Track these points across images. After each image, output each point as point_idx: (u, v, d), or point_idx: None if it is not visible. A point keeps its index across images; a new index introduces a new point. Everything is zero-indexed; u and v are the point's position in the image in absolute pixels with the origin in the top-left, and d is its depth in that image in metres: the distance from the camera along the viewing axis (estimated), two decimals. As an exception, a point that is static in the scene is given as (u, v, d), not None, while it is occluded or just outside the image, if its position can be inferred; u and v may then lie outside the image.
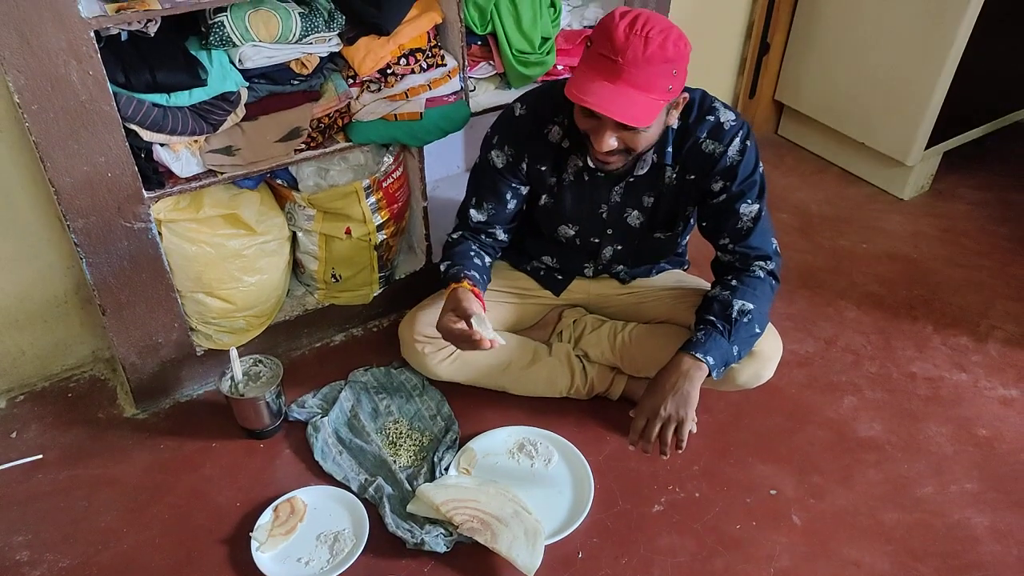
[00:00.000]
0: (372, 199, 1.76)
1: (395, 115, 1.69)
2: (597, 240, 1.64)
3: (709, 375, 1.43)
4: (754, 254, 1.52)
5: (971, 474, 1.66)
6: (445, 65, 1.73)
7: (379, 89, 1.68)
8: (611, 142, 1.35)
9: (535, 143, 1.54)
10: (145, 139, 1.48)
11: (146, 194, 1.51)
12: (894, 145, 2.41)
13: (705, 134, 1.47)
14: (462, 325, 1.40)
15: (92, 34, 1.31)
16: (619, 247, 1.65)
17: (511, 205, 1.61)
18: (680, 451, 1.43)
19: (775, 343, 1.61)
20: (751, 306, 1.47)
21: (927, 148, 2.37)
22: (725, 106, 1.49)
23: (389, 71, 1.67)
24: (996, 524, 1.56)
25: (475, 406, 1.75)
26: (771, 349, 1.60)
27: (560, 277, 1.76)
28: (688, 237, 1.73)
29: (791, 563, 1.48)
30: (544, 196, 1.61)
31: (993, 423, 1.77)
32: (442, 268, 1.57)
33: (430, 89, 1.72)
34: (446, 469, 1.60)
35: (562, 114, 1.50)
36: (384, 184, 1.77)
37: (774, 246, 1.54)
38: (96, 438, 1.72)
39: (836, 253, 2.28)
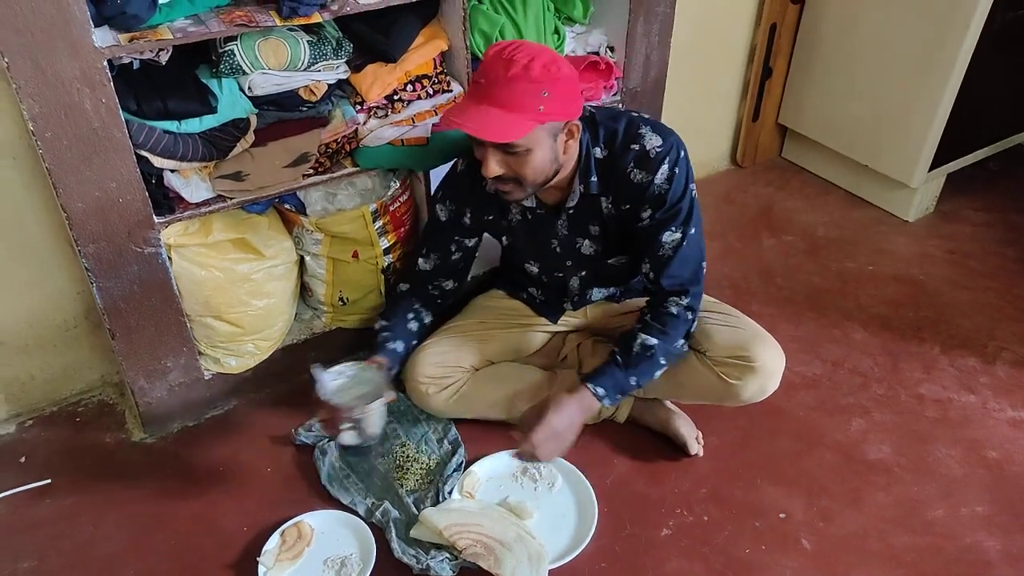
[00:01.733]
0: (379, 223, 1.78)
1: (402, 140, 1.72)
2: (560, 274, 1.68)
3: (602, 402, 1.51)
4: (668, 289, 1.51)
5: (982, 497, 1.64)
6: (451, 91, 1.75)
7: (386, 115, 1.70)
8: (493, 166, 1.37)
9: (475, 195, 1.58)
10: (156, 165, 1.50)
11: (156, 219, 1.53)
12: (898, 167, 2.42)
13: (632, 164, 1.46)
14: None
15: (105, 63, 1.34)
16: (583, 274, 1.67)
17: (455, 256, 1.67)
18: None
19: (777, 356, 1.59)
20: (654, 341, 1.51)
21: (931, 170, 2.38)
22: (655, 130, 1.47)
23: (396, 97, 1.70)
24: (1008, 547, 1.54)
25: (481, 430, 1.75)
26: (774, 363, 1.59)
27: (553, 308, 1.77)
28: None
29: (801, 588, 1.47)
30: (504, 238, 1.67)
31: (1003, 445, 1.75)
32: (377, 326, 1.65)
33: (436, 115, 1.74)
34: (449, 493, 1.59)
35: None
36: (391, 208, 1.79)
37: (692, 272, 1.52)
38: (104, 463, 1.73)
39: (842, 275, 2.28)
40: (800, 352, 1.99)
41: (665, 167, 1.45)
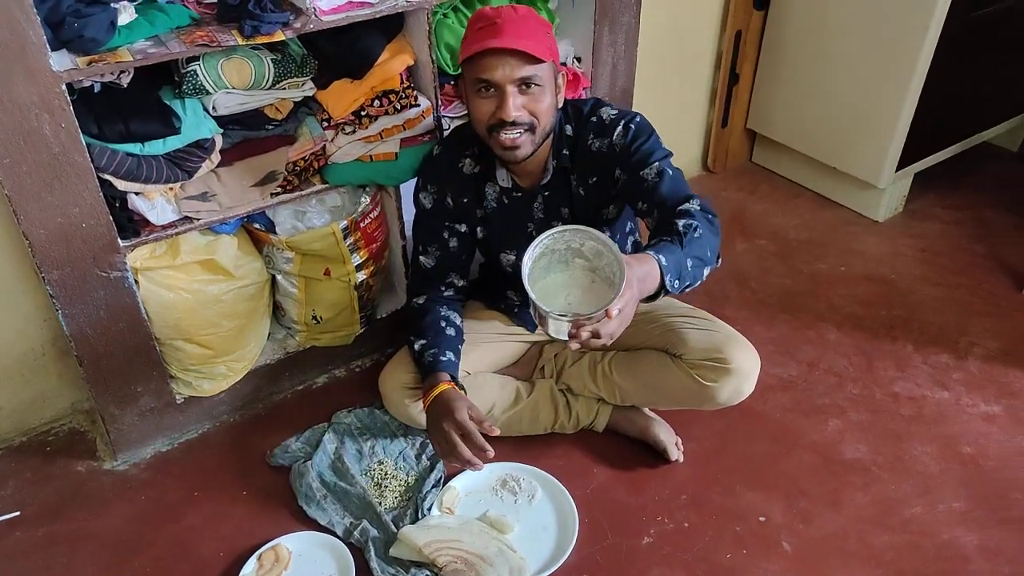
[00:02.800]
0: (350, 240, 1.77)
1: (371, 156, 1.71)
2: None
3: (663, 285, 1.26)
4: (672, 200, 1.41)
5: (958, 492, 1.65)
6: (419, 105, 1.75)
7: (354, 131, 1.69)
8: (516, 104, 1.41)
9: (452, 177, 1.61)
10: (120, 188, 1.48)
11: (122, 243, 1.51)
12: (865, 168, 2.45)
13: (591, 134, 1.53)
14: (463, 449, 1.42)
15: (64, 87, 1.32)
16: None
17: (453, 244, 1.65)
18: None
19: (752, 358, 1.59)
20: (695, 224, 1.34)
21: (898, 170, 2.41)
22: (613, 107, 1.55)
23: (363, 113, 1.69)
24: (985, 542, 1.55)
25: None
26: (748, 364, 1.59)
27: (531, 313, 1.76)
28: (628, 247, 1.73)
29: (783, 591, 1.47)
30: (478, 229, 1.66)
31: (977, 440, 1.77)
32: (416, 347, 1.60)
33: (405, 129, 1.73)
34: (429, 509, 1.58)
35: (472, 146, 1.58)
36: (362, 224, 1.78)
37: (688, 189, 1.45)
38: (76, 492, 1.70)
39: (814, 277, 2.30)
40: (775, 354, 2.00)
41: (620, 128, 1.51)
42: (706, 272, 1.37)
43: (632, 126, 1.50)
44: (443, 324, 1.62)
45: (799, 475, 1.69)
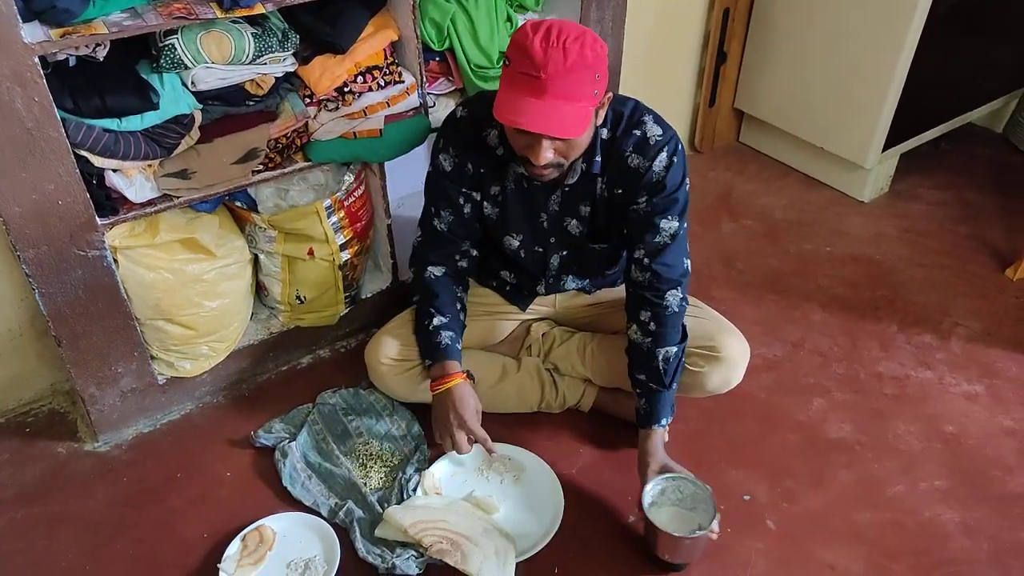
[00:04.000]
0: (334, 218, 1.74)
1: (354, 133, 1.68)
2: (541, 249, 1.63)
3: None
4: (665, 278, 1.49)
5: (940, 471, 1.66)
6: (403, 82, 1.72)
7: (337, 108, 1.66)
8: (548, 155, 1.34)
9: (476, 145, 1.53)
10: (97, 165, 1.44)
11: (99, 221, 1.47)
12: (852, 149, 2.44)
13: (631, 148, 1.46)
14: (466, 444, 1.51)
15: (36, 60, 1.28)
16: (564, 253, 1.64)
17: (467, 211, 1.58)
18: None
19: (742, 347, 1.60)
20: (673, 350, 1.51)
21: (884, 150, 2.41)
22: (656, 120, 1.47)
23: (346, 89, 1.66)
24: (966, 520, 1.57)
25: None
26: (738, 354, 1.59)
27: (524, 293, 1.75)
28: None
29: (767, 569, 1.48)
30: (488, 205, 1.59)
31: (959, 419, 1.78)
32: (433, 323, 1.55)
33: (389, 106, 1.71)
34: (414, 490, 1.57)
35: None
36: (346, 203, 1.75)
37: (686, 266, 1.52)
38: (56, 474, 1.67)
39: (801, 257, 2.30)
40: (761, 335, 1.99)
41: (664, 155, 1.45)
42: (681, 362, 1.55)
43: (675, 160, 1.45)
44: (459, 307, 1.59)
45: (784, 454, 1.70)
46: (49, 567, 1.49)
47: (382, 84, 1.70)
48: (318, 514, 1.54)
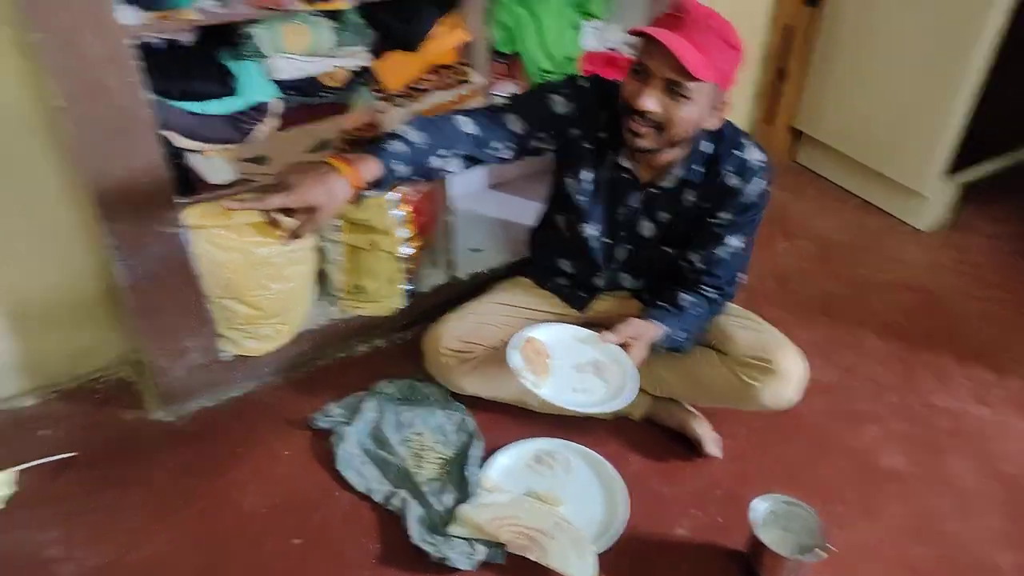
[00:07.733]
0: (399, 212, 1.69)
1: (426, 131, 1.63)
2: (611, 241, 1.57)
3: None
4: (708, 283, 1.52)
5: (996, 511, 1.55)
6: (471, 82, 1.67)
7: (406, 104, 1.61)
8: (653, 101, 1.27)
9: (588, 116, 1.44)
10: (179, 146, 1.42)
11: (179, 200, 1.45)
12: (911, 175, 2.32)
13: (732, 167, 1.42)
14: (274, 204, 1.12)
15: (131, 41, 1.25)
16: (630, 248, 1.57)
17: (520, 135, 1.40)
18: None
19: (798, 363, 1.51)
20: (690, 298, 1.51)
21: (945, 179, 2.28)
22: (756, 144, 1.44)
23: (417, 87, 1.61)
24: (1021, 562, 1.45)
25: (498, 419, 1.66)
26: (793, 369, 1.50)
27: (582, 293, 1.68)
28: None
29: (814, 595, 1.39)
30: (577, 192, 1.49)
31: (1018, 460, 1.66)
32: (395, 131, 1.31)
33: (456, 105, 1.65)
34: (477, 486, 1.50)
35: (610, 106, 1.40)
36: (412, 199, 1.70)
37: (730, 277, 1.53)
38: (124, 440, 1.65)
39: (855, 282, 2.18)
40: (814, 357, 1.86)
41: (762, 182, 1.43)
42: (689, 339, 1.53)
43: (768, 188, 1.44)
44: (438, 146, 1.31)
45: (835, 479, 1.60)
46: (117, 527, 1.47)
47: (451, 83, 1.65)
48: (369, 500, 1.50)
